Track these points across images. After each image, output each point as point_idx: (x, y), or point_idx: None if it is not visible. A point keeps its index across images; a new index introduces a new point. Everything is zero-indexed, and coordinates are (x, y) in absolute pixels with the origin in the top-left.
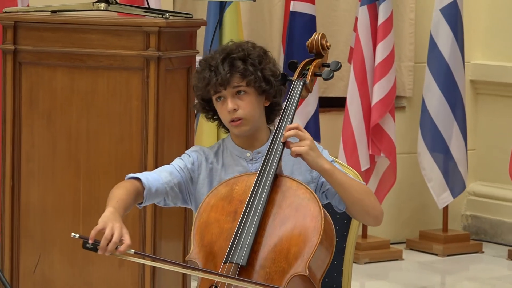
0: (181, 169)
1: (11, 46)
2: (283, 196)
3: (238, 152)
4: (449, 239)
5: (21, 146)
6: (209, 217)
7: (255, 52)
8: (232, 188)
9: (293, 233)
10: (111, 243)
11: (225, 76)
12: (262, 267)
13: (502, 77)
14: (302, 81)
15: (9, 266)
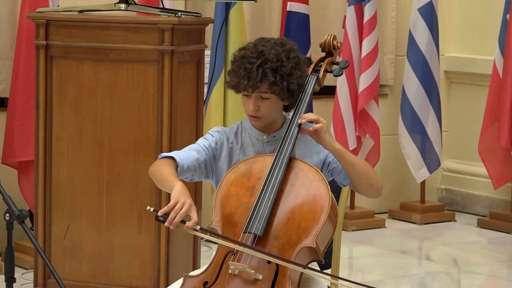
0: (206, 148)
1: (43, 41)
2: (296, 177)
3: (256, 134)
4: (426, 209)
5: (52, 128)
6: (229, 190)
7: (288, 65)
8: (250, 167)
9: (304, 210)
10: (177, 217)
11: (255, 83)
12: (276, 238)
13: (472, 68)
14: (315, 76)
15: (42, 233)
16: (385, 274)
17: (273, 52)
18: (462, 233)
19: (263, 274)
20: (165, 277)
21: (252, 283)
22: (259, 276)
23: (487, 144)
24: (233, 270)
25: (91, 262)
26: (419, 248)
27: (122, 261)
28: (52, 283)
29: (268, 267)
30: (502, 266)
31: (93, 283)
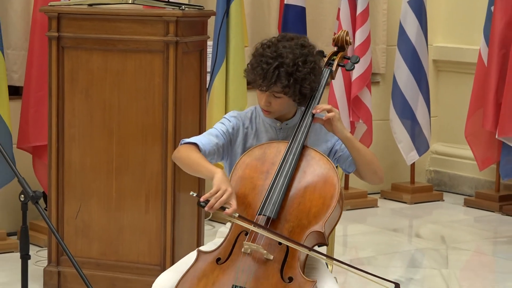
0: (223, 133)
1: (55, 33)
2: (308, 164)
3: (270, 121)
4: (416, 190)
5: (64, 115)
6: (244, 173)
7: (303, 70)
8: (265, 151)
9: (314, 196)
10: (217, 203)
11: (269, 84)
12: (287, 221)
13: (459, 57)
14: (329, 69)
15: (55, 213)
16: (378, 251)
17: (291, 57)
18: (449, 212)
19: (274, 254)
20: (171, 254)
21: (263, 262)
22: (270, 257)
23: (473, 129)
24: (246, 249)
25: (101, 241)
26: (409, 226)
27: (131, 239)
28: (65, 260)
29: (279, 248)
30: (487, 243)
31: (103, 260)
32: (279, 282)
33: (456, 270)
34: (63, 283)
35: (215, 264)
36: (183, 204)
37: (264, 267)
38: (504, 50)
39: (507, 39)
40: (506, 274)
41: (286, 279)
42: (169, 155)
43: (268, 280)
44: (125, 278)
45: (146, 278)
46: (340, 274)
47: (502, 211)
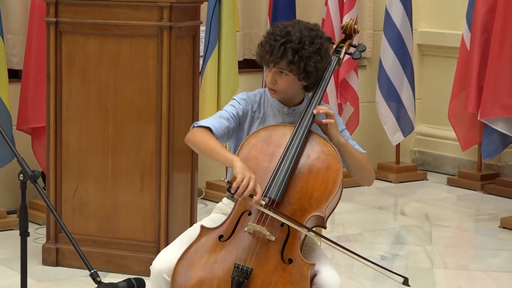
0: (234, 116)
1: (53, 18)
2: (312, 149)
3: (278, 106)
4: (401, 169)
5: (62, 97)
6: (249, 153)
7: (308, 48)
8: (271, 133)
9: (317, 181)
10: (246, 191)
11: (275, 59)
12: (290, 204)
13: (443, 42)
14: (336, 57)
15: (53, 192)
16: (364, 228)
17: (298, 35)
18: (433, 191)
19: (276, 235)
20: (165, 231)
21: (265, 243)
22: (272, 238)
23: (455, 110)
24: (250, 229)
25: (98, 218)
26: (395, 204)
27: (126, 217)
28: (63, 237)
29: (280, 230)
30: (469, 220)
31: (99, 237)
32: (279, 263)
33: (439, 246)
34: (61, 259)
35: (217, 241)
36: (177, 183)
37: (266, 247)
38: (486, 35)
39: (489, 24)
40: (487, 250)
41: (286, 260)
42: (163, 135)
43: (269, 261)
44: (120, 255)
45: (141, 254)
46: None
47: (484, 190)
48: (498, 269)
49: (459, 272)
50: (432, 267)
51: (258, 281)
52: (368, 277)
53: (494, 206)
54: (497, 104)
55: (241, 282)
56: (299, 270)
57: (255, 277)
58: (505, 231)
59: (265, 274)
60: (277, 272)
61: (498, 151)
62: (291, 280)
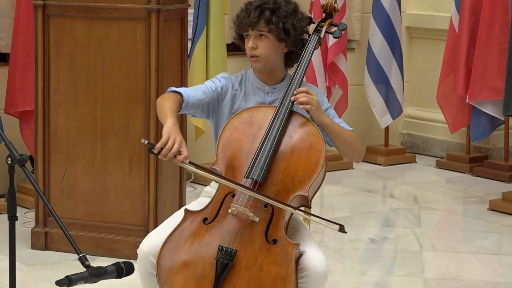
0: (212, 91)
1: (40, 1)
2: (294, 129)
3: (258, 85)
4: (390, 152)
5: (50, 81)
6: (231, 135)
7: (284, 8)
8: (253, 115)
9: (300, 161)
10: (170, 153)
11: (253, 20)
12: (273, 184)
13: (431, 24)
14: (317, 36)
15: (42, 176)
16: (353, 211)
17: (273, 1)
18: (422, 174)
19: (259, 216)
20: (154, 215)
21: (249, 224)
22: (256, 219)
23: (444, 93)
24: (233, 211)
25: (87, 202)
26: (384, 187)
27: (115, 201)
28: (51, 221)
29: (264, 211)
30: (458, 203)
31: (88, 221)
32: (264, 244)
33: (428, 229)
34: (50, 243)
35: (202, 224)
36: (166, 167)
37: (250, 229)
38: (474, 18)
39: (477, 7)
40: (475, 233)
41: (270, 241)
42: (152, 118)
43: (253, 242)
44: (109, 238)
45: (130, 238)
46: (316, 234)
47: (472, 173)
48: (487, 251)
49: (448, 254)
50: (421, 249)
51: (243, 262)
52: (357, 260)
53: (482, 188)
54: (485, 86)
55: (225, 264)
56: (283, 250)
57: (239, 259)
58: (494, 213)
59: (250, 255)
60: (262, 252)
61: (487, 134)
62: (276, 261)
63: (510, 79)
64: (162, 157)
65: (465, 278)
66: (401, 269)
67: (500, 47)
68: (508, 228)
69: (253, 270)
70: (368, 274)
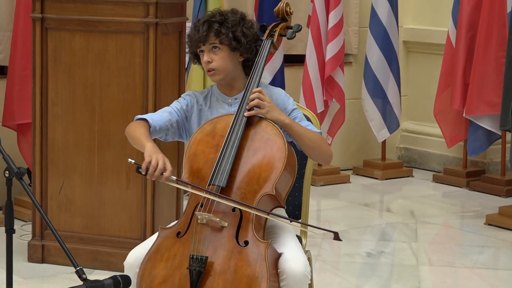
0: (178, 110)
1: (39, 15)
2: (255, 132)
3: (222, 98)
4: (387, 166)
5: (48, 94)
6: (196, 149)
7: (232, 17)
8: (215, 126)
9: (263, 161)
10: (157, 170)
11: (203, 35)
12: (239, 188)
13: (428, 38)
14: (270, 40)
15: (39, 189)
16: (350, 225)
17: (218, 12)
18: (419, 188)
19: (228, 221)
20: (151, 228)
21: (219, 230)
22: (224, 224)
23: (441, 107)
24: (201, 219)
25: (84, 215)
26: (380, 201)
27: (112, 214)
28: (48, 234)
29: (232, 215)
30: (454, 217)
31: (85, 234)
32: (235, 247)
33: (425, 243)
34: (47, 256)
35: (175, 238)
36: None
37: (221, 234)
38: (472, 32)
39: (474, 21)
40: (472, 247)
41: (241, 243)
42: None
43: (224, 247)
44: (106, 252)
45: (127, 251)
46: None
47: (469, 187)
48: (484, 266)
49: (444, 269)
50: (418, 264)
51: (217, 267)
52: (353, 274)
53: (479, 203)
54: (482, 101)
55: (198, 272)
56: (255, 250)
57: (213, 265)
58: (491, 228)
59: (223, 260)
60: (234, 256)
61: (484, 148)
62: (249, 262)
63: (507, 94)
64: (150, 177)
65: None
66: (397, 283)
67: (497, 62)
68: (505, 242)
69: (227, 274)
70: None
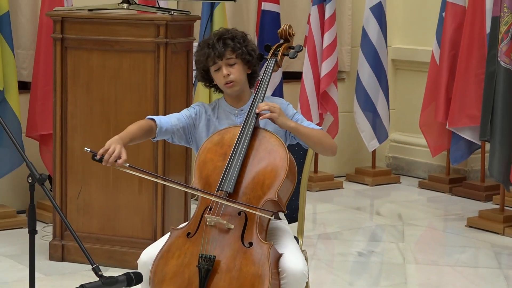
0: (186, 117)
1: (59, 35)
2: (260, 143)
3: (229, 109)
4: (376, 173)
5: (67, 107)
6: (206, 157)
7: (239, 34)
8: (223, 136)
9: (267, 169)
10: (111, 157)
11: (221, 50)
12: (244, 193)
13: (414, 57)
14: (274, 59)
15: (59, 194)
16: (343, 227)
17: (224, 30)
18: (406, 193)
19: (234, 224)
20: (161, 230)
21: (226, 231)
22: (231, 226)
23: (426, 120)
24: (210, 222)
25: (100, 218)
26: (371, 205)
27: (126, 217)
28: (68, 235)
29: (238, 218)
30: (438, 220)
31: (101, 234)
32: (240, 247)
33: (411, 243)
34: (67, 255)
35: (185, 238)
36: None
37: (227, 236)
38: (454, 51)
39: (457, 41)
40: (454, 247)
41: (246, 244)
42: (160, 142)
43: (231, 247)
44: (121, 251)
45: (140, 250)
46: (309, 247)
47: (452, 192)
48: (465, 264)
49: (429, 267)
50: (405, 262)
51: (224, 266)
52: (346, 272)
53: (461, 207)
54: (463, 114)
55: (207, 269)
56: (259, 251)
57: (220, 263)
58: (471, 229)
59: (229, 259)
60: (240, 255)
61: (465, 157)
62: (253, 261)
63: (486, 108)
64: (105, 163)
65: None
66: (386, 280)
67: (477, 78)
68: (484, 243)
69: (233, 272)
70: (356, 285)
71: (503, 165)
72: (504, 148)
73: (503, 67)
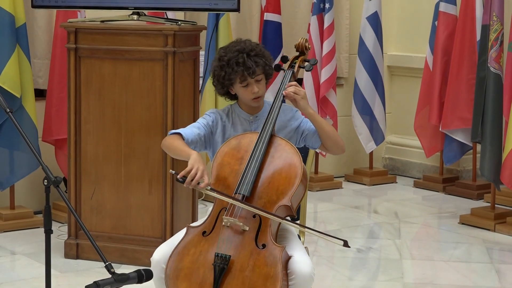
0: (204, 126)
1: (73, 45)
2: (275, 150)
3: (244, 115)
4: (374, 174)
5: (81, 113)
6: (223, 160)
7: (260, 49)
8: (240, 141)
9: (282, 176)
10: (194, 180)
11: (254, 69)
12: (259, 197)
13: (409, 64)
14: (291, 71)
15: (74, 195)
16: (342, 225)
17: (245, 45)
18: (401, 192)
19: (249, 226)
20: (170, 229)
21: (241, 233)
22: (246, 228)
23: (420, 123)
24: (226, 222)
25: (112, 218)
26: (369, 204)
27: (137, 216)
28: (82, 234)
29: (253, 220)
30: (433, 217)
31: (114, 233)
32: (254, 249)
33: (407, 240)
34: (81, 253)
35: (201, 236)
36: (180, 187)
37: (242, 236)
38: (446, 58)
39: (449, 48)
40: (448, 243)
41: (260, 246)
42: None
43: (245, 248)
44: (132, 249)
45: (150, 248)
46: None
47: (445, 191)
48: (458, 260)
49: (424, 262)
50: (401, 258)
51: (238, 265)
52: (346, 267)
53: (454, 205)
54: (456, 117)
55: (222, 268)
56: (272, 253)
57: (234, 263)
58: (464, 226)
59: (243, 259)
60: (253, 256)
61: (457, 158)
62: (266, 262)
63: (477, 110)
64: (187, 185)
65: (439, 283)
66: (384, 275)
67: (468, 83)
68: (476, 239)
69: (246, 272)
70: (355, 280)
71: (493, 165)
72: (494, 148)
73: (492, 72)
